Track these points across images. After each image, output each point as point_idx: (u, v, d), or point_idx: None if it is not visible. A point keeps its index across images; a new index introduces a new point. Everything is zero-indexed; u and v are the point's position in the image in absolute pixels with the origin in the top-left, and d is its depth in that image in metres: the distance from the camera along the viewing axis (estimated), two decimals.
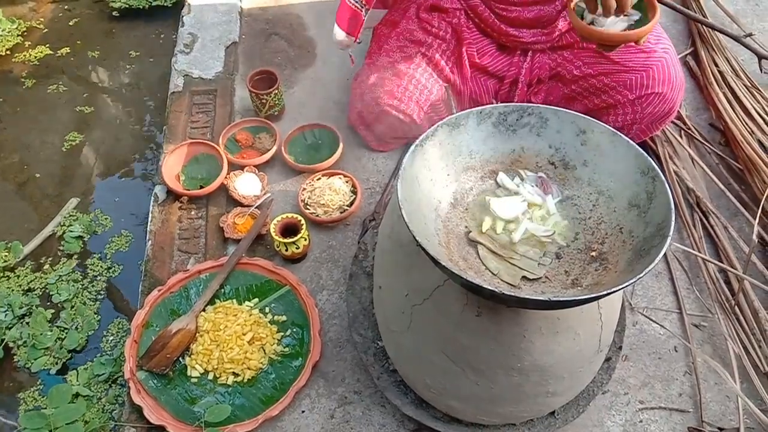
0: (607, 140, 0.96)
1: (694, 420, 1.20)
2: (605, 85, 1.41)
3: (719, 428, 1.18)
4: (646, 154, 0.92)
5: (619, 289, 0.78)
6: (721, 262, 1.39)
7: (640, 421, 1.20)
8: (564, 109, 0.98)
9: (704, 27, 1.82)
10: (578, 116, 0.98)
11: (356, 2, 1.42)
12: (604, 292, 0.78)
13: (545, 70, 1.50)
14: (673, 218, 0.84)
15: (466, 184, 1.00)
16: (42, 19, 2.19)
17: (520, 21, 1.45)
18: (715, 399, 1.23)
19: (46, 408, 1.18)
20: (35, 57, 2.05)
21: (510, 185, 1.00)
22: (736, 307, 1.32)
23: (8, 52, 2.06)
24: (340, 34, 1.46)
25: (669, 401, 1.23)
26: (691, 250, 1.39)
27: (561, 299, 0.78)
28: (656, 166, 0.90)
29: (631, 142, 0.94)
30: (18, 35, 2.11)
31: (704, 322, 1.33)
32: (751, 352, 1.26)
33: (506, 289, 0.87)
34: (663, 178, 0.88)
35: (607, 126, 0.96)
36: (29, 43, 2.10)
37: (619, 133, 0.94)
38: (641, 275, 0.78)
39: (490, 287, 0.77)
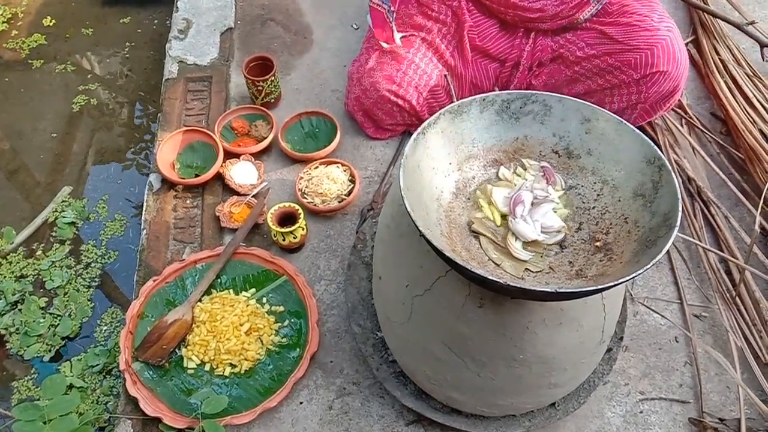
0: (613, 129, 0.94)
1: (695, 411, 1.20)
2: (609, 65, 1.40)
3: (720, 419, 1.17)
4: (652, 143, 0.90)
5: (627, 280, 0.77)
6: (722, 252, 1.38)
7: (641, 412, 1.20)
8: (568, 97, 0.97)
9: (706, 14, 1.80)
10: (583, 104, 0.96)
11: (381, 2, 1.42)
12: (612, 284, 0.76)
13: (547, 53, 1.48)
14: (680, 208, 0.82)
15: (468, 173, 0.98)
16: (30, 4, 2.14)
17: None
18: (716, 389, 1.22)
19: (39, 399, 1.16)
20: (25, 43, 2.01)
21: (511, 178, 0.98)
22: (737, 298, 1.31)
23: None
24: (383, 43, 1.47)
25: (669, 392, 1.22)
26: (692, 240, 1.38)
27: (568, 290, 0.76)
28: (662, 155, 0.88)
29: (637, 130, 0.92)
30: (4, 21, 2.06)
31: (705, 312, 1.32)
32: (752, 342, 1.25)
33: (511, 280, 0.86)
34: (669, 167, 0.87)
35: (613, 114, 0.94)
36: (16, 31, 2.05)
37: (624, 121, 0.93)
38: (648, 266, 0.77)
39: (495, 279, 0.76)
